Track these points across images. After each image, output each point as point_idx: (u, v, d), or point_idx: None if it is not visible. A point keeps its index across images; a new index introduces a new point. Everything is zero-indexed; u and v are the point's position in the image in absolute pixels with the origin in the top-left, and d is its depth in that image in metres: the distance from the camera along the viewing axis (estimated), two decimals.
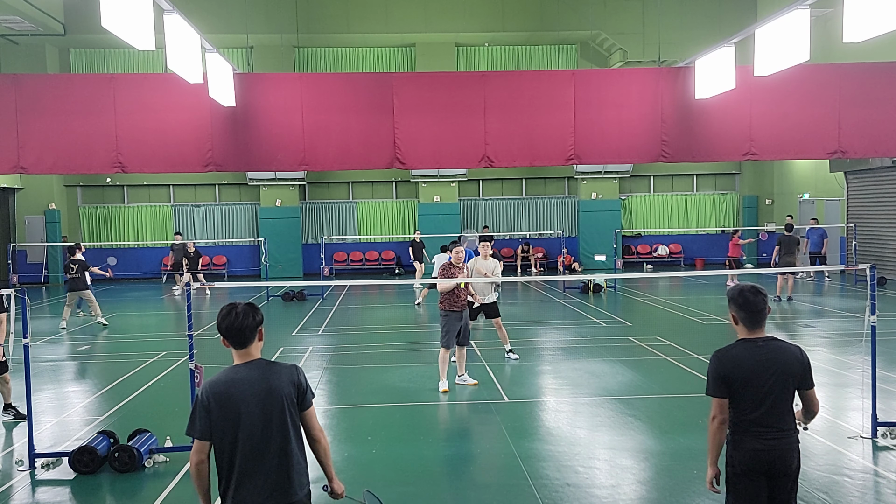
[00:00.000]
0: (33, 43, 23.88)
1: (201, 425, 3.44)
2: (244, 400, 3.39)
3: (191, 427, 3.49)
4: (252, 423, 3.38)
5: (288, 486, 3.43)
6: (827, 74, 13.33)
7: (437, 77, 14.50)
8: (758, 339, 3.85)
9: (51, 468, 6.74)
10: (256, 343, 3.52)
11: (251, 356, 3.50)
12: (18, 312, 6.92)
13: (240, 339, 3.47)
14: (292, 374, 3.50)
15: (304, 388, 3.52)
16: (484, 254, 10.62)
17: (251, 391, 3.40)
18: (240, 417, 3.38)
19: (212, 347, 12.60)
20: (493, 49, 27.05)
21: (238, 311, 3.46)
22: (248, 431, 3.38)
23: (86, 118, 12.43)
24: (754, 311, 3.81)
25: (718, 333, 13.07)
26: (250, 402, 3.39)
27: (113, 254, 26.46)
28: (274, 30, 23.47)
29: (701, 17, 24.04)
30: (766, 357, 3.80)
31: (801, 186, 24.92)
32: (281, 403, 3.41)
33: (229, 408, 3.39)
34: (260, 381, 3.42)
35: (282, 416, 3.42)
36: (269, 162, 13.24)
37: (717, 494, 4.11)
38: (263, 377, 3.44)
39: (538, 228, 27.56)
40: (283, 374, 3.48)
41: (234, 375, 3.45)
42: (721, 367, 3.86)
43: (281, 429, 3.42)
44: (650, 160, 13.42)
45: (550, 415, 8.37)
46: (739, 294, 3.83)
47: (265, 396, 3.40)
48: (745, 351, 3.83)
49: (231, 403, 3.39)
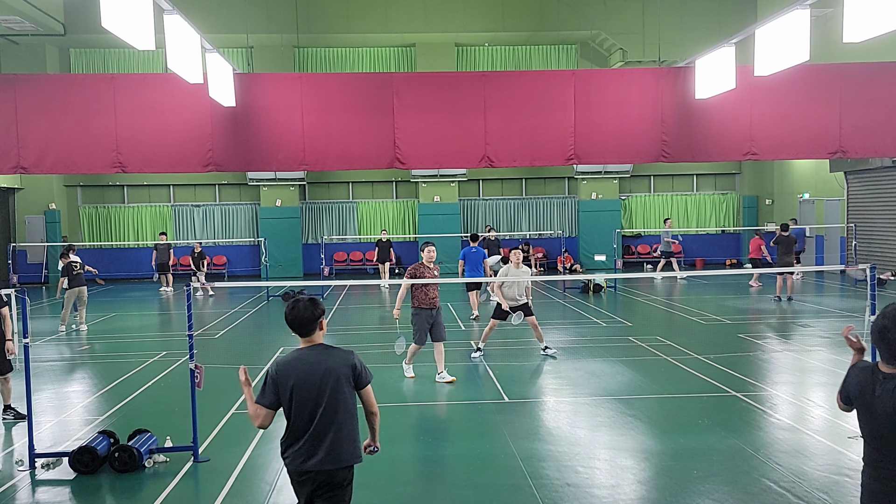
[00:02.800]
0: (33, 43, 23.88)
1: (269, 397, 4.00)
2: (303, 377, 3.97)
3: (261, 396, 4.03)
4: (308, 397, 3.95)
5: (331, 451, 3.97)
6: (827, 74, 13.33)
7: (437, 77, 14.50)
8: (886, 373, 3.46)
9: (51, 468, 6.74)
10: (318, 332, 4.09)
11: (313, 342, 4.09)
12: (18, 312, 6.92)
13: (303, 330, 4.05)
14: (349, 358, 4.07)
15: (360, 369, 4.07)
16: (516, 262, 10.86)
17: (310, 370, 3.98)
18: (299, 391, 3.96)
19: (212, 347, 12.61)
20: (493, 49, 27.05)
21: (301, 306, 4.03)
22: (303, 403, 3.96)
23: (86, 118, 12.44)
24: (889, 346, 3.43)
25: (719, 333, 13.08)
26: (308, 380, 3.96)
27: (113, 254, 26.52)
28: (274, 30, 23.47)
29: (701, 17, 24.03)
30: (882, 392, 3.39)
31: (801, 186, 24.92)
32: (335, 382, 3.99)
33: (291, 383, 3.97)
34: (318, 363, 4.01)
35: (333, 393, 3.98)
36: (269, 162, 13.24)
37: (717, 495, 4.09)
38: (321, 359, 4.02)
39: (538, 228, 27.56)
40: (340, 357, 4.06)
41: (298, 356, 4.05)
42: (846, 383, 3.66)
43: (332, 403, 3.97)
44: (650, 160, 13.42)
45: (550, 415, 8.37)
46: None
47: (322, 375, 3.98)
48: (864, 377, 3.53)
49: (292, 379, 3.97)
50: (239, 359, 11.61)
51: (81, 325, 14.93)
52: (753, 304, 16.97)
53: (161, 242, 22.67)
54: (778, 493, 5.82)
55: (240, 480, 6.39)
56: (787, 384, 9.47)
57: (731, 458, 6.66)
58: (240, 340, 13.64)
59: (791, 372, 10.23)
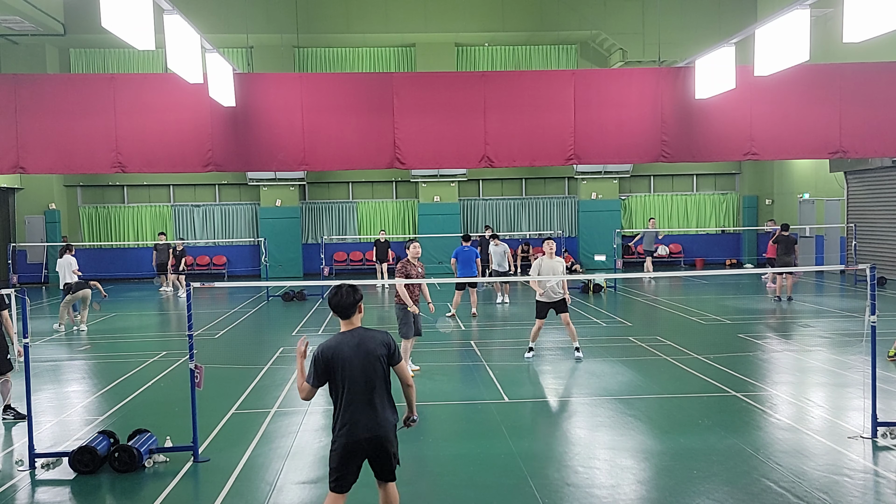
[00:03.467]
0: (33, 43, 23.88)
1: (315, 377, 4.57)
2: (347, 357, 4.54)
3: (309, 376, 4.60)
4: (353, 374, 4.52)
5: (376, 419, 4.57)
6: (827, 74, 13.33)
7: (437, 77, 14.50)
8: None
9: (51, 468, 6.74)
10: (357, 315, 4.68)
11: (353, 325, 4.67)
12: (18, 312, 6.92)
13: (344, 314, 4.65)
14: (384, 338, 4.66)
15: (393, 349, 4.66)
16: (549, 253, 11.01)
17: (352, 352, 4.55)
18: (343, 370, 4.52)
19: (212, 347, 12.60)
20: (493, 49, 27.04)
21: (343, 292, 4.63)
22: (350, 379, 4.52)
23: (86, 118, 12.44)
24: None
25: (719, 333, 13.08)
26: (352, 360, 4.53)
27: (113, 254, 26.51)
28: (274, 30, 23.47)
29: (701, 17, 24.03)
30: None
31: (801, 186, 24.91)
32: (375, 360, 4.57)
33: (336, 362, 4.54)
34: (359, 344, 4.58)
35: (374, 370, 4.56)
36: (269, 162, 13.24)
37: (717, 495, 4.07)
38: (362, 341, 4.60)
39: (538, 228, 27.55)
40: (377, 338, 4.63)
41: (341, 339, 4.61)
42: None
43: (374, 378, 4.56)
44: (650, 160, 13.42)
45: (550, 415, 8.36)
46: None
47: (364, 355, 4.55)
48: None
49: (337, 359, 4.54)
50: (239, 359, 11.62)
51: (81, 326, 14.92)
52: (753, 304, 16.96)
53: (160, 242, 22.68)
54: (778, 493, 5.82)
55: (240, 480, 6.39)
56: (787, 384, 9.46)
57: (731, 458, 6.66)
58: (240, 340, 13.64)
59: (791, 372, 10.23)
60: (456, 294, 15.75)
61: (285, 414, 8.40)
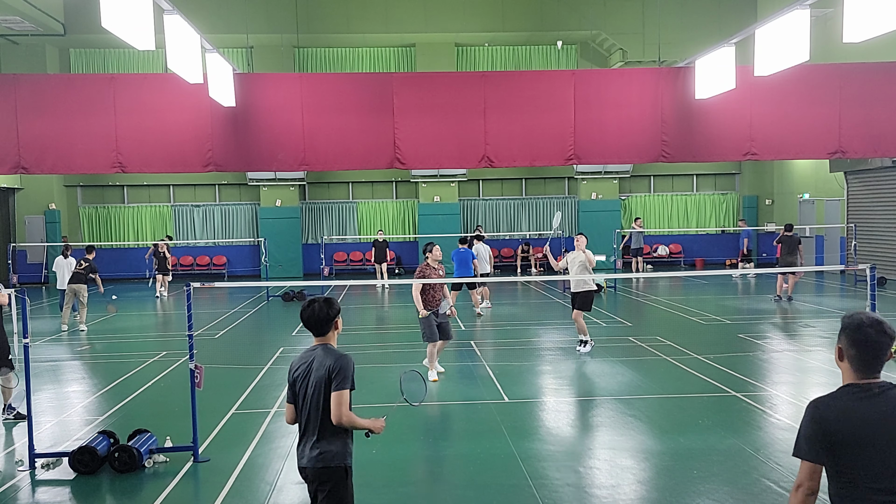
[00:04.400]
0: (33, 43, 23.88)
1: (288, 393, 4.19)
2: (303, 375, 4.10)
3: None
4: (305, 395, 4.07)
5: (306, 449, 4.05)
6: (827, 74, 13.33)
7: (437, 77, 14.51)
8: (872, 385, 2.90)
9: (51, 468, 6.74)
10: (332, 332, 4.18)
11: (326, 341, 4.17)
12: (18, 312, 6.92)
13: (316, 330, 4.15)
14: (333, 361, 4.02)
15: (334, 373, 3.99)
16: (581, 247, 11.30)
17: (305, 370, 4.10)
18: (298, 388, 4.11)
19: (212, 347, 12.60)
20: (493, 49, 27.05)
21: (316, 307, 4.12)
22: (303, 400, 4.08)
23: (86, 118, 12.44)
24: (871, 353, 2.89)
25: (718, 333, 13.08)
26: (307, 378, 4.07)
27: (113, 254, 26.50)
28: (274, 30, 23.47)
29: (701, 17, 24.03)
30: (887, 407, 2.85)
31: (801, 186, 24.92)
32: (320, 383, 4.01)
33: (295, 379, 4.14)
34: (312, 363, 4.08)
35: (318, 393, 4.01)
36: (269, 162, 13.24)
37: (717, 495, 4.05)
38: (316, 360, 4.08)
39: (538, 228, 27.55)
40: (327, 360, 4.04)
41: (303, 355, 4.19)
42: (822, 423, 2.87)
43: (316, 402, 4.03)
44: (650, 160, 13.42)
45: (550, 415, 8.37)
46: (857, 328, 2.90)
47: (314, 376, 4.04)
48: (855, 400, 2.88)
49: (296, 376, 4.13)
50: (239, 359, 11.62)
51: (81, 326, 14.94)
52: (753, 304, 16.97)
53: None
54: (778, 493, 5.82)
55: (240, 480, 6.39)
56: (787, 384, 9.47)
57: (731, 458, 6.66)
58: (240, 340, 13.64)
59: (791, 372, 10.23)
60: (452, 294, 15.74)
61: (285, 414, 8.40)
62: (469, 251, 15.43)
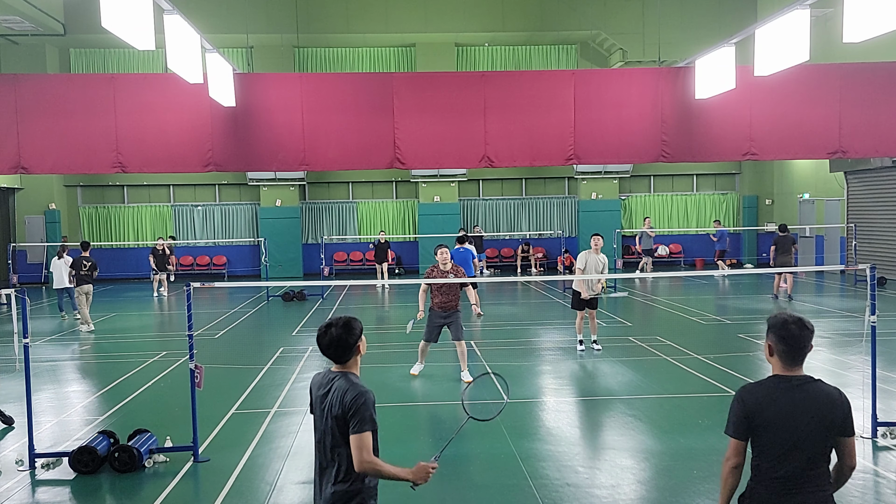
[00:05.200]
0: (33, 43, 23.88)
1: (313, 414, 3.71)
2: (319, 403, 3.61)
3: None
4: (324, 428, 3.58)
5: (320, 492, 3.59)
6: (827, 74, 13.32)
7: (437, 77, 14.48)
8: (793, 378, 3.30)
9: (51, 468, 6.74)
10: (354, 359, 3.64)
11: (345, 369, 3.63)
12: (18, 312, 6.92)
13: (335, 359, 3.62)
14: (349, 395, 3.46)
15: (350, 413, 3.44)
16: (596, 248, 11.47)
17: (325, 401, 3.57)
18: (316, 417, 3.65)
19: (212, 347, 12.60)
20: (493, 49, 27.04)
21: (333, 332, 3.55)
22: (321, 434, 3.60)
23: (86, 118, 12.43)
24: (796, 347, 3.28)
25: (718, 333, 13.08)
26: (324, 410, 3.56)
27: (113, 254, 26.51)
28: (274, 30, 23.47)
29: (701, 17, 24.04)
30: (802, 399, 3.24)
31: (801, 186, 24.92)
32: (332, 419, 3.51)
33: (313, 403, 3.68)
34: (332, 395, 3.53)
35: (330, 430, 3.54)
36: (269, 162, 13.23)
37: (717, 495, 4.05)
38: (337, 392, 3.52)
39: (538, 228, 27.56)
40: (340, 393, 3.49)
41: (325, 378, 3.65)
42: (745, 406, 3.31)
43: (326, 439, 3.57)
44: (650, 160, 13.41)
45: (550, 415, 8.37)
46: (783, 325, 3.30)
47: (333, 411, 3.51)
48: (777, 390, 3.28)
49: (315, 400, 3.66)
50: (239, 359, 11.62)
51: (81, 326, 14.94)
52: (753, 304, 16.96)
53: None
54: None
55: (240, 480, 6.39)
56: None
57: None
58: (240, 341, 13.64)
59: None
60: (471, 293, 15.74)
61: (285, 414, 8.40)
62: (469, 250, 15.43)
